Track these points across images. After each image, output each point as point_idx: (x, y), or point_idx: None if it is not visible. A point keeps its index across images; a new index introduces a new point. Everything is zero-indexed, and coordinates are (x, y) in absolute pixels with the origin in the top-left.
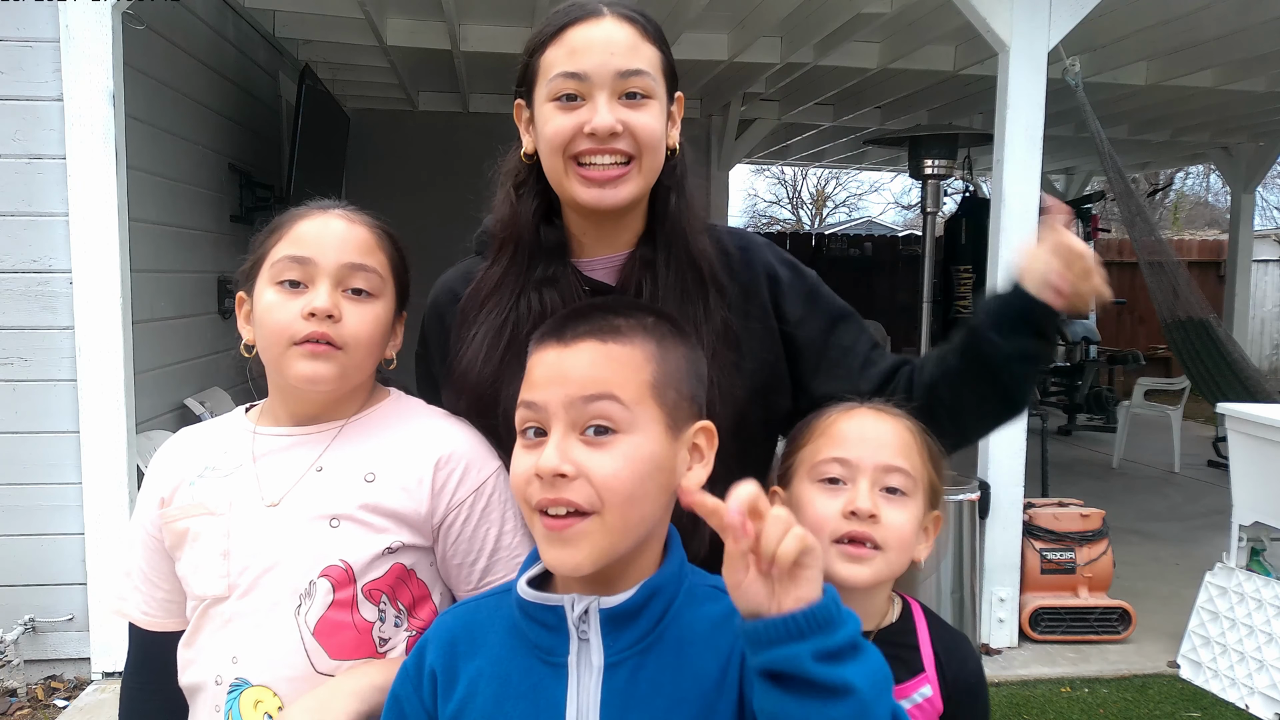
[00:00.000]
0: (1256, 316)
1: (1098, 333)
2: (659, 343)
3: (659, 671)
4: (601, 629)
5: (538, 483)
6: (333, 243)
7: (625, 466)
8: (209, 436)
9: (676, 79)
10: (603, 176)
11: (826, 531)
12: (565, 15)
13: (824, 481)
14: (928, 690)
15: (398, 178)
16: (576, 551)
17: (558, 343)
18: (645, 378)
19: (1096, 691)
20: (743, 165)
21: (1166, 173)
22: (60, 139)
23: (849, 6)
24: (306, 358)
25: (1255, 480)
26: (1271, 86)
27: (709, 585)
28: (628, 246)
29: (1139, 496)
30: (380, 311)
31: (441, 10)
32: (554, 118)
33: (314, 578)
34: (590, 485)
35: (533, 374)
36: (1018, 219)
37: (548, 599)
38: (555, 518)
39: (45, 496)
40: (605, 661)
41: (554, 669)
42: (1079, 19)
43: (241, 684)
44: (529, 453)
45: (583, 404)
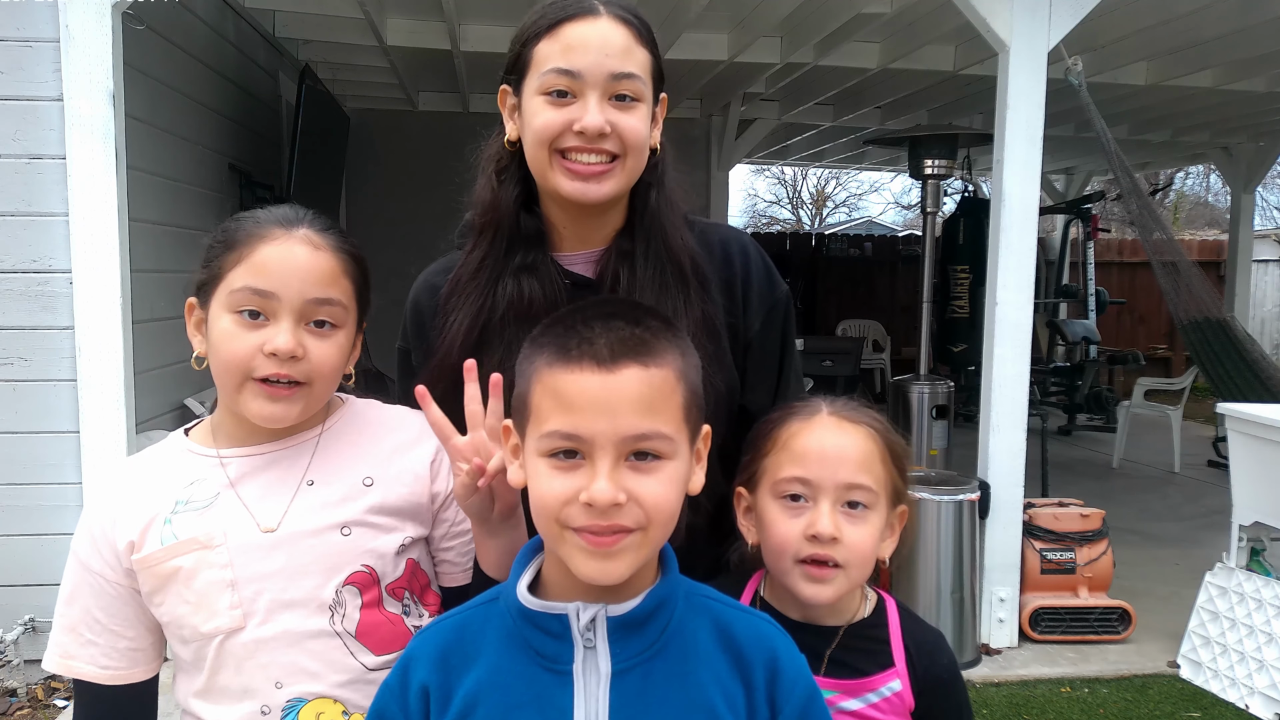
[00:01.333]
0: (1256, 316)
1: (1098, 333)
2: (684, 356)
3: (666, 679)
4: (609, 636)
5: (580, 508)
6: (296, 275)
7: (671, 489)
8: (158, 469)
9: (663, 81)
10: (587, 171)
11: (789, 552)
12: (562, 10)
13: (786, 498)
14: (896, 684)
15: (398, 178)
16: (620, 564)
17: (596, 365)
18: (679, 401)
19: (1096, 691)
20: (743, 165)
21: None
22: (60, 139)
23: (849, 6)
24: (266, 399)
25: (1255, 480)
26: (1271, 86)
27: (703, 595)
28: (605, 242)
29: (1139, 496)
30: (343, 340)
31: (441, 10)
32: (543, 111)
33: (340, 586)
34: (640, 508)
35: (568, 398)
36: (1018, 219)
37: (552, 607)
38: (600, 535)
39: (45, 496)
40: (613, 669)
41: (559, 676)
42: (1079, 19)
43: (297, 703)
44: (564, 475)
45: (634, 440)
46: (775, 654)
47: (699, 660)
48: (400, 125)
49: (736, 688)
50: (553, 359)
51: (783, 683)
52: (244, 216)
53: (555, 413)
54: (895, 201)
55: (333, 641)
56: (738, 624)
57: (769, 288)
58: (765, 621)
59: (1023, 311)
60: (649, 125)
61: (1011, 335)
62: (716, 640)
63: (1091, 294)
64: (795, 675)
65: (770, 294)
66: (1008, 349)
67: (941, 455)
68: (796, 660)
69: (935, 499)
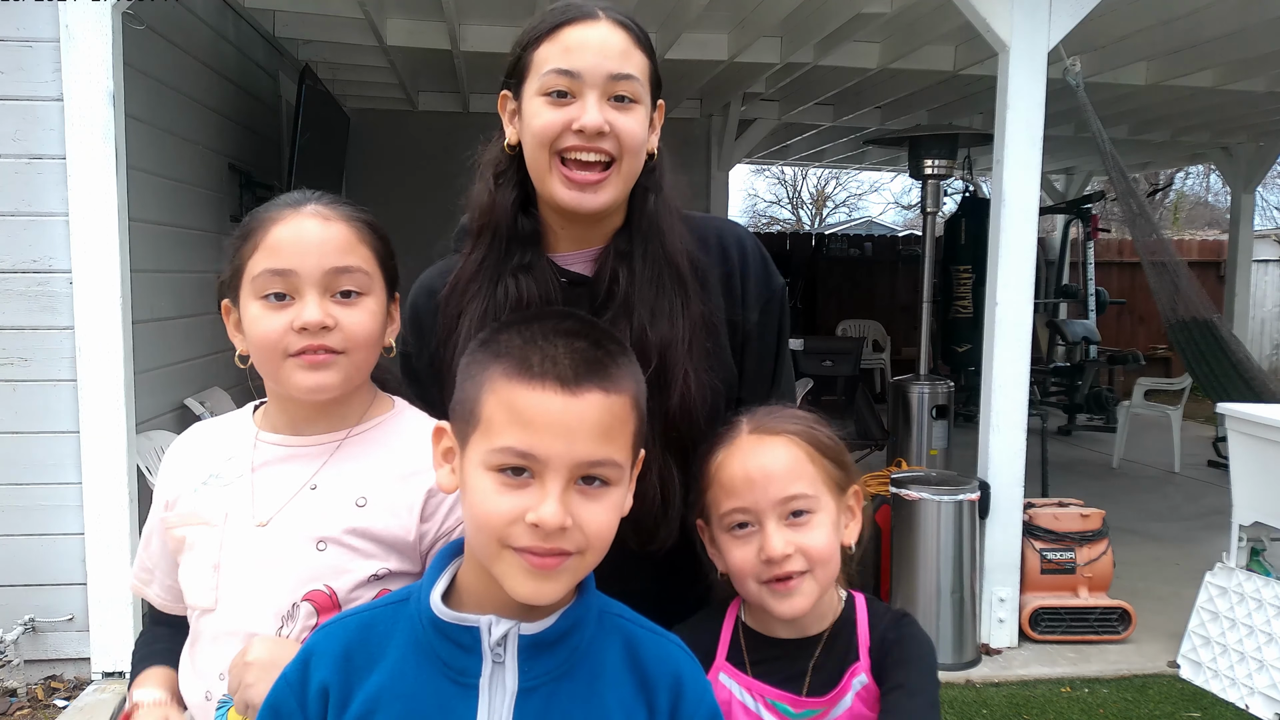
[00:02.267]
0: (1256, 316)
1: (1098, 333)
2: (637, 382)
3: (571, 699)
4: (520, 654)
5: (525, 528)
6: (312, 249)
7: (613, 515)
8: (217, 437)
9: (661, 87)
10: (584, 179)
11: (751, 577)
12: (561, 14)
13: (734, 528)
14: (864, 678)
15: (398, 178)
16: (557, 585)
17: (560, 386)
18: (633, 429)
19: (1096, 691)
20: (743, 165)
21: (1166, 173)
22: (60, 139)
23: (849, 6)
24: (306, 369)
25: (1255, 480)
26: (1271, 86)
27: (615, 614)
28: (602, 241)
29: (1139, 496)
30: (373, 306)
31: (441, 10)
32: (543, 112)
33: (297, 600)
34: (582, 533)
35: (526, 415)
36: (1018, 219)
37: (465, 619)
38: (541, 555)
39: (45, 496)
40: (520, 686)
41: (464, 689)
42: (1079, 19)
43: (228, 701)
44: (512, 493)
45: (588, 466)
46: (680, 676)
47: (605, 681)
48: (400, 125)
49: (640, 709)
50: (512, 371)
51: (685, 705)
52: (256, 209)
53: (510, 428)
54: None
55: None
56: (646, 644)
57: (765, 280)
58: (674, 644)
59: (1023, 311)
60: (646, 128)
61: (1011, 335)
62: (624, 661)
63: (1091, 294)
64: (698, 697)
65: (767, 286)
66: (1008, 349)
67: (941, 455)
68: (700, 683)
69: (935, 499)
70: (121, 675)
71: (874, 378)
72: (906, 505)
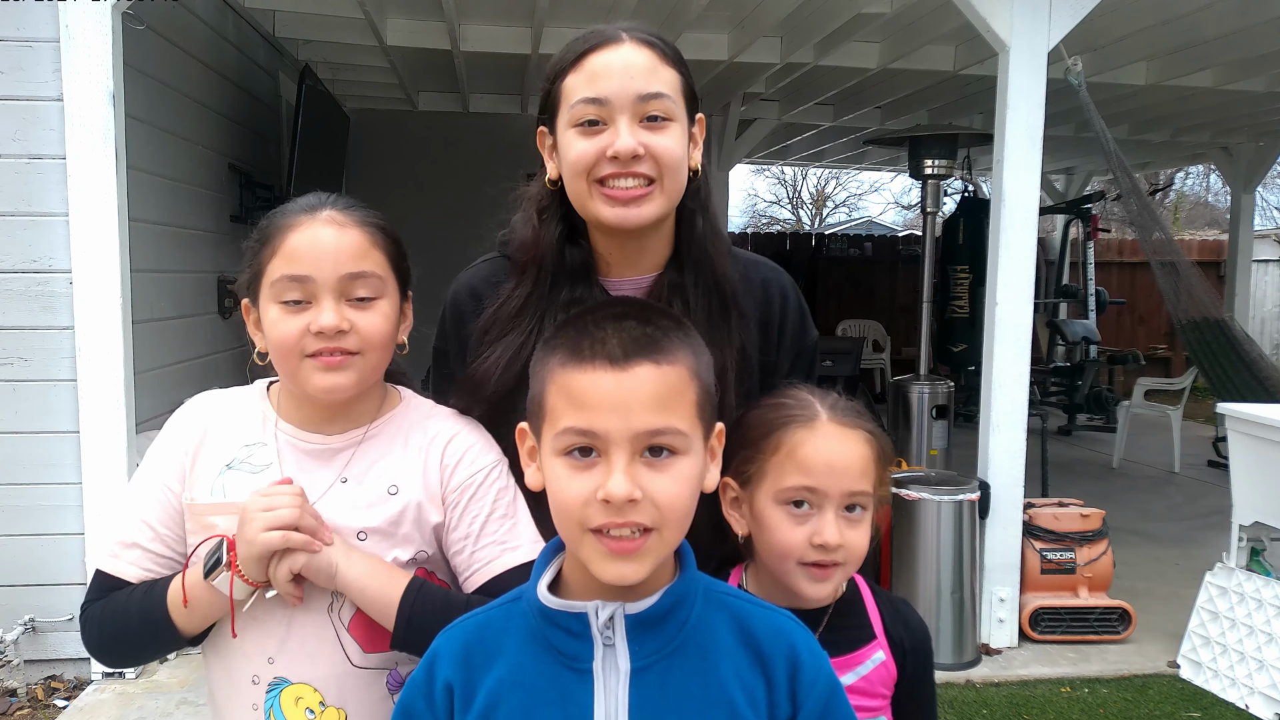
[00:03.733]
0: (1256, 316)
1: (1098, 333)
2: (695, 354)
3: (686, 675)
4: (628, 634)
5: (599, 506)
6: (328, 256)
7: (684, 486)
8: (230, 417)
9: (698, 101)
10: (626, 196)
11: (794, 556)
12: (585, 42)
13: (790, 504)
14: (881, 655)
15: (398, 178)
16: (640, 567)
17: (611, 365)
18: (692, 398)
19: (1096, 691)
20: (743, 165)
21: (1166, 173)
22: (60, 139)
23: (849, 6)
24: (322, 370)
25: (1255, 480)
26: (1271, 86)
27: (721, 591)
28: (654, 269)
29: (1139, 496)
30: (387, 309)
31: (441, 10)
32: (576, 143)
33: None
34: (655, 505)
35: (582, 396)
36: (1018, 219)
37: (571, 606)
38: (621, 539)
39: (45, 496)
40: (632, 666)
41: (579, 674)
42: (1079, 19)
43: (281, 682)
44: (582, 474)
45: (649, 436)
46: (795, 649)
47: (719, 656)
48: (400, 125)
49: (757, 683)
50: (565, 359)
51: (803, 677)
52: (274, 212)
53: (570, 411)
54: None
55: (327, 631)
56: (756, 619)
57: (801, 332)
58: (784, 617)
59: (1023, 311)
60: (685, 145)
61: (1011, 335)
62: (736, 636)
63: (1091, 294)
64: (816, 670)
65: (802, 338)
66: (1008, 349)
67: (941, 455)
68: (817, 655)
69: (935, 499)
70: (122, 675)
71: (874, 378)
72: (906, 505)
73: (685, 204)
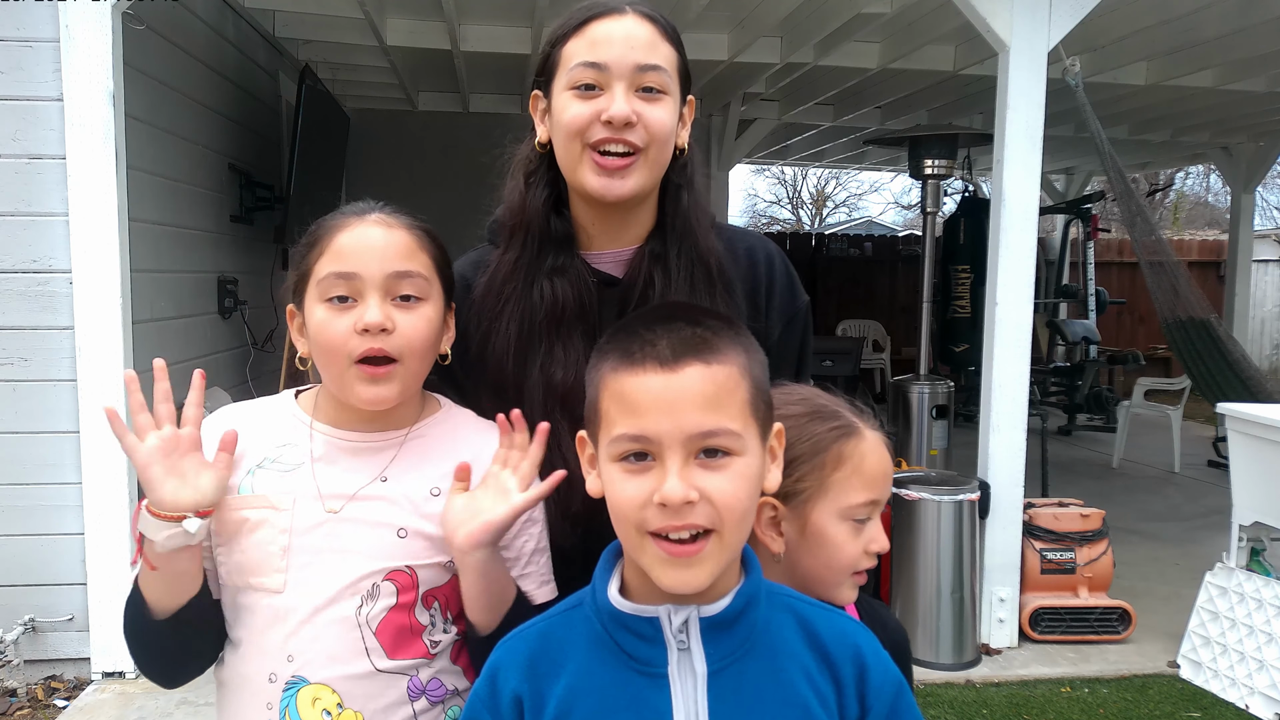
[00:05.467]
0: (1256, 316)
1: (1098, 333)
2: (746, 352)
3: (759, 677)
4: (702, 637)
5: (655, 509)
6: (375, 254)
7: (741, 487)
8: (261, 421)
9: (690, 81)
10: (613, 165)
11: (853, 567)
12: (589, 10)
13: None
14: None
15: (398, 178)
16: (701, 571)
17: (660, 367)
18: (744, 397)
19: (1096, 691)
20: (743, 165)
21: (1166, 173)
22: (60, 139)
23: (849, 6)
24: (367, 382)
25: (1255, 480)
26: (1271, 86)
27: (783, 594)
28: (635, 242)
29: (1139, 496)
30: (430, 313)
31: (441, 10)
32: (572, 105)
33: (379, 581)
34: (712, 506)
35: (634, 400)
36: (1018, 219)
37: (643, 610)
38: (680, 543)
39: (45, 496)
40: (709, 669)
41: (653, 679)
42: (1079, 19)
43: (299, 682)
44: (636, 478)
45: (701, 437)
46: (860, 651)
47: (788, 657)
48: (400, 125)
49: (827, 684)
50: (617, 364)
51: (871, 679)
52: (323, 217)
53: (622, 416)
54: (895, 201)
55: (353, 632)
56: (820, 621)
57: (790, 297)
58: (845, 618)
59: (1023, 311)
60: (675, 120)
61: (1011, 335)
62: (802, 637)
63: (1091, 294)
64: (883, 672)
65: (791, 304)
66: (1008, 349)
67: (941, 455)
68: (882, 656)
69: (935, 499)
70: (122, 675)
71: (874, 378)
72: (906, 505)
73: (670, 178)
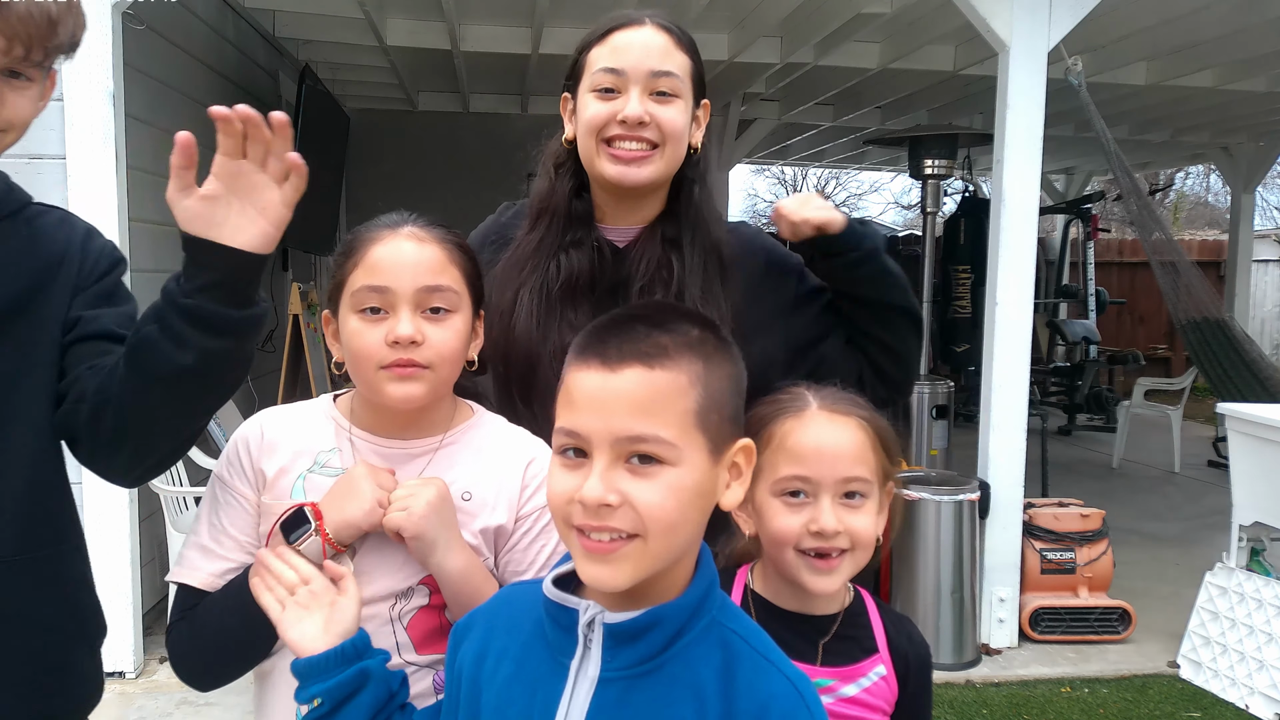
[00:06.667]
0: (1256, 316)
1: (1098, 333)
2: (705, 362)
3: (649, 700)
4: (603, 642)
5: (579, 507)
6: (407, 268)
7: (670, 497)
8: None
9: (704, 87)
10: (629, 156)
11: (791, 544)
12: (612, 21)
13: (786, 495)
14: (882, 669)
15: (398, 178)
16: (618, 571)
17: (601, 364)
18: (689, 405)
19: (1096, 691)
20: (743, 165)
21: (1166, 173)
22: (60, 139)
23: (849, 6)
24: (396, 380)
25: (1255, 480)
26: (1271, 86)
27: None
28: (642, 223)
29: (1139, 496)
30: (460, 325)
31: (441, 10)
32: (593, 104)
33: (414, 584)
34: (635, 511)
35: (573, 395)
36: (1018, 219)
37: (566, 600)
38: (598, 541)
39: None
40: (600, 675)
41: (559, 668)
42: (1079, 19)
43: None
44: (569, 473)
45: (629, 442)
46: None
47: (689, 692)
48: (400, 125)
49: None
50: (573, 357)
51: None
52: (359, 227)
53: (562, 409)
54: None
55: (385, 628)
56: (746, 670)
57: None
58: (782, 678)
59: (1023, 311)
60: (687, 120)
61: (1011, 335)
62: (718, 677)
63: (1091, 294)
64: None
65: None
66: (1008, 349)
67: (941, 455)
68: None
69: (935, 499)
70: (122, 675)
71: None
72: (907, 505)
73: (684, 173)
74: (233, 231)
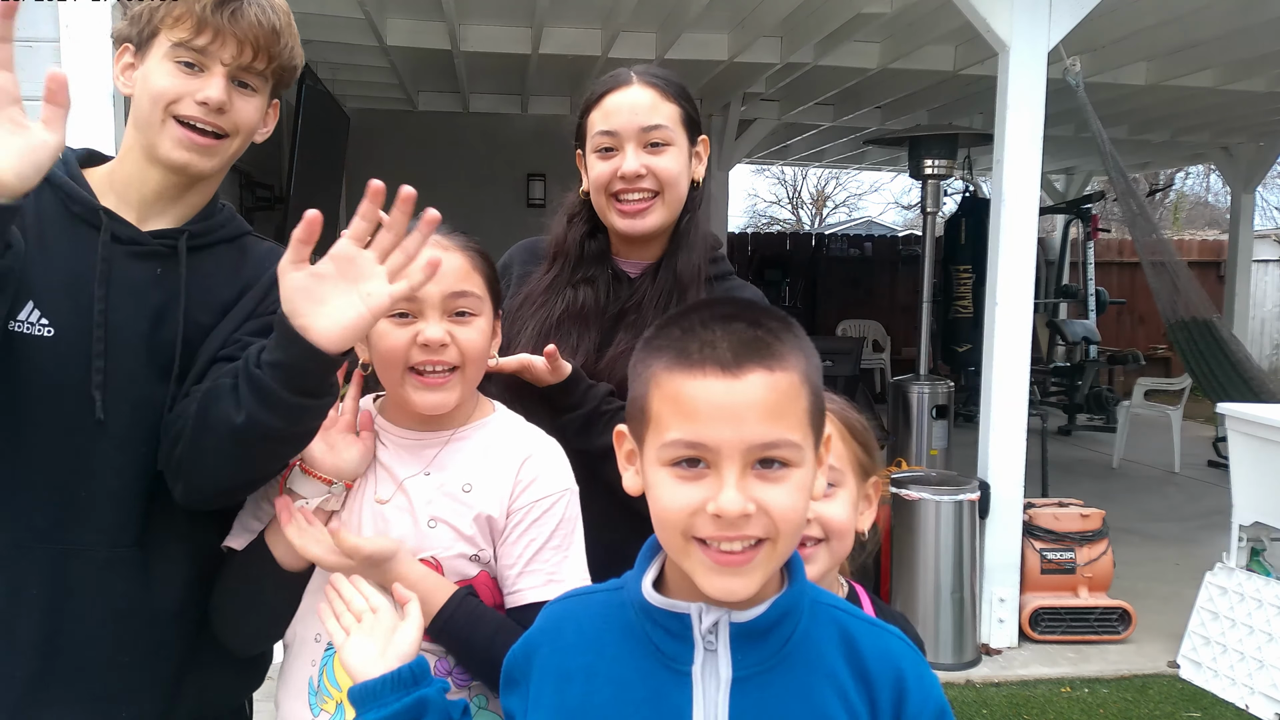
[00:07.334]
0: (1256, 316)
1: (1098, 333)
2: (806, 357)
3: (787, 690)
4: (731, 643)
5: (707, 518)
6: None
7: (799, 498)
8: None
9: (699, 126)
10: (633, 209)
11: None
12: (604, 84)
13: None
14: None
15: (398, 178)
16: (749, 580)
17: (720, 370)
18: (804, 405)
19: (1096, 691)
20: (743, 165)
21: (1166, 173)
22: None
23: (849, 6)
24: (425, 390)
25: (1255, 480)
26: (1271, 86)
27: (829, 605)
28: (654, 256)
29: (1139, 496)
30: (483, 326)
31: (441, 10)
32: (596, 165)
33: None
34: (769, 518)
35: (694, 405)
36: (1018, 219)
37: (675, 605)
38: (730, 553)
39: None
40: (734, 675)
41: (677, 676)
42: (1079, 19)
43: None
44: (687, 485)
45: (762, 449)
46: (902, 674)
47: (822, 674)
48: (400, 125)
49: (862, 704)
50: (671, 363)
51: (910, 703)
52: None
53: (677, 420)
54: (895, 201)
55: None
56: (865, 638)
57: None
58: (895, 637)
59: (1023, 311)
60: (684, 162)
61: (1011, 335)
62: (842, 654)
63: (1091, 294)
64: (923, 699)
65: None
66: (1008, 349)
67: (941, 455)
68: (925, 681)
69: (935, 499)
70: None
71: (874, 378)
72: (906, 505)
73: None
74: (333, 311)
